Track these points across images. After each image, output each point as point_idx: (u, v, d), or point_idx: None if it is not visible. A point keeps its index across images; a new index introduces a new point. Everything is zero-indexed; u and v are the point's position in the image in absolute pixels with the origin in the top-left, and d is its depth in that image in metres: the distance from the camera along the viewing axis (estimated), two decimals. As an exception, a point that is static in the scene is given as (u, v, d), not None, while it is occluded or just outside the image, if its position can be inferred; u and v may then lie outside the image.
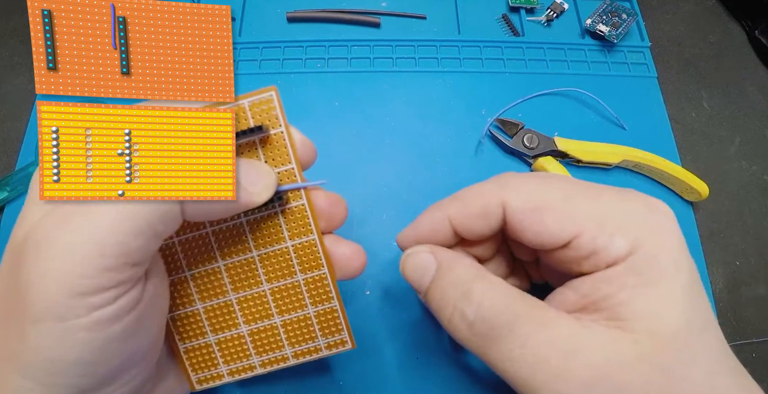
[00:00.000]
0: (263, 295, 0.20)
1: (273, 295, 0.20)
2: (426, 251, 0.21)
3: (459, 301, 0.19)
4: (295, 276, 0.20)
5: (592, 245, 0.18)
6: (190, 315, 0.20)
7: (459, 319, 0.19)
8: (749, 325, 0.32)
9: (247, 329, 0.21)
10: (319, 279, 0.20)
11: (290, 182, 0.19)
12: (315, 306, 0.21)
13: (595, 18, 0.39)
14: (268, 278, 0.20)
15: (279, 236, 0.20)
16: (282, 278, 0.20)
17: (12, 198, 0.33)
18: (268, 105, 0.19)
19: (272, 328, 0.21)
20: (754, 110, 0.40)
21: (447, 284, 0.19)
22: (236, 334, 0.21)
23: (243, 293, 0.20)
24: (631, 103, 0.37)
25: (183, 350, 0.21)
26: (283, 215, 0.20)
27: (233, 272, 0.20)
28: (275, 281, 0.20)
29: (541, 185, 0.19)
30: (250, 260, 0.20)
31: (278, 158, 0.19)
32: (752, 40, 0.42)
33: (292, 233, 0.20)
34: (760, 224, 0.35)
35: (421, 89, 0.37)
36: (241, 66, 0.38)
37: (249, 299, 0.20)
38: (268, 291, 0.20)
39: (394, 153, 0.35)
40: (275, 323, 0.21)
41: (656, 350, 0.16)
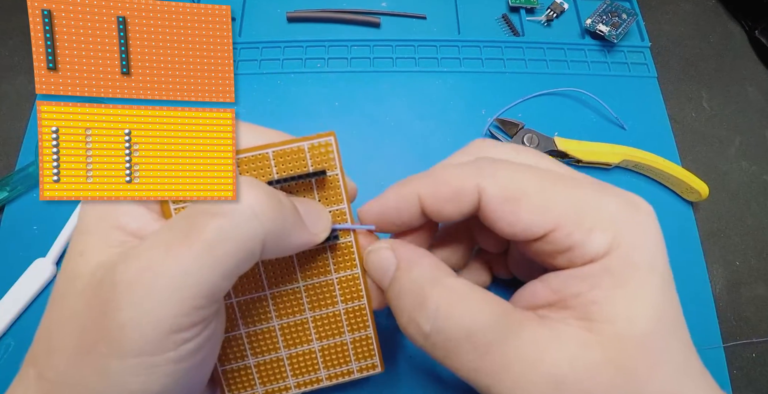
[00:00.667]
0: (305, 322, 0.21)
1: (315, 322, 0.21)
2: (386, 248, 0.20)
3: (414, 310, 0.18)
4: (336, 306, 0.21)
5: (568, 241, 0.17)
6: (232, 339, 0.21)
7: (414, 329, 0.18)
8: (749, 325, 0.32)
9: (287, 353, 0.21)
10: (358, 309, 0.22)
11: (340, 221, 0.21)
12: (352, 333, 0.22)
13: (595, 18, 0.39)
14: (312, 306, 0.21)
15: (325, 269, 0.21)
16: (324, 307, 0.21)
17: (12, 198, 0.33)
18: (326, 148, 0.20)
19: (310, 352, 0.22)
20: (754, 110, 0.40)
21: (403, 288, 0.19)
22: (275, 358, 0.21)
23: (286, 319, 0.21)
24: (631, 103, 0.37)
25: (222, 372, 0.21)
26: (330, 251, 0.21)
27: (279, 300, 0.21)
28: (318, 309, 0.21)
29: (520, 172, 0.18)
30: (296, 289, 0.21)
31: (331, 198, 0.20)
32: (752, 40, 0.42)
33: (338, 267, 0.21)
34: (760, 224, 0.35)
35: (421, 89, 0.37)
36: (241, 66, 0.38)
37: (291, 326, 0.21)
38: (310, 318, 0.21)
39: (394, 153, 0.35)
40: (314, 348, 0.22)
41: (623, 353, 0.16)
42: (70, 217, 0.30)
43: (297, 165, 0.19)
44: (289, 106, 0.36)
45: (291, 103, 0.36)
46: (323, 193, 0.20)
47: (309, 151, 0.19)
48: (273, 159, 0.19)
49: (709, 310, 0.32)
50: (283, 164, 0.19)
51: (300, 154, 0.19)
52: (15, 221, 0.32)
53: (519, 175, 0.18)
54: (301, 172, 0.19)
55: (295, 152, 0.19)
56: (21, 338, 0.29)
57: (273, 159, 0.19)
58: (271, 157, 0.19)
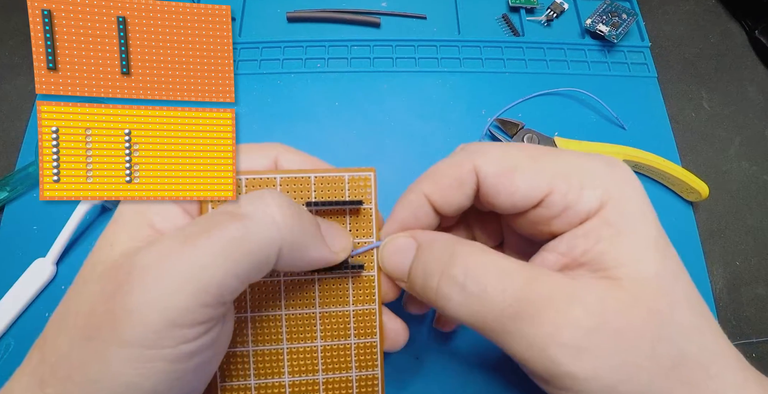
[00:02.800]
0: (314, 350, 0.21)
1: (324, 352, 0.21)
2: (403, 235, 0.21)
3: (445, 266, 0.18)
4: (348, 339, 0.21)
5: (563, 201, 0.18)
6: (238, 355, 0.21)
7: (448, 284, 0.18)
8: (749, 325, 0.32)
9: (290, 380, 0.21)
10: (369, 346, 0.22)
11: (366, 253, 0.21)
12: (359, 371, 0.22)
13: (595, 18, 0.39)
14: (324, 335, 0.21)
15: (344, 300, 0.21)
16: (336, 338, 0.21)
17: (12, 198, 0.33)
18: (365, 182, 0.21)
19: (314, 383, 0.21)
20: (754, 110, 0.40)
21: (429, 258, 0.19)
22: (278, 382, 0.21)
23: (296, 344, 0.21)
24: (631, 103, 0.37)
25: (221, 388, 0.21)
26: (352, 282, 0.21)
27: (293, 322, 0.21)
28: (329, 339, 0.21)
29: (508, 149, 0.20)
30: (311, 315, 0.21)
31: (361, 230, 0.21)
32: (752, 40, 0.42)
33: (356, 299, 0.21)
34: (760, 224, 0.35)
35: (421, 89, 0.37)
36: (241, 66, 0.38)
37: (300, 352, 0.21)
38: (320, 347, 0.21)
39: (394, 153, 0.35)
40: (318, 380, 0.21)
41: (643, 293, 0.16)
42: (71, 217, 0.30)
43: (335, 193, 0.20)
44: (289, 106, 0.36)
45: (291, 103, 0.36)
46: (354, 224, 0.21)
47: (349, 182, 0.21)
48: (314, 183, 0.20)
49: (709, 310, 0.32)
50: (322, 190, 0.20)
51: (339, 183, 0.20)
52: (15, 221, 0.32)
53: (508, 151, 0.20)
54: (338, 199, 0.20)
55: (335, 180, 0.20)
56: (21, 338, 0.29)
57: (314, 183, 0.20)
58: (312, 181, 0.20)
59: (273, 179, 0.19)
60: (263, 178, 0.19)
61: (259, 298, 0.21)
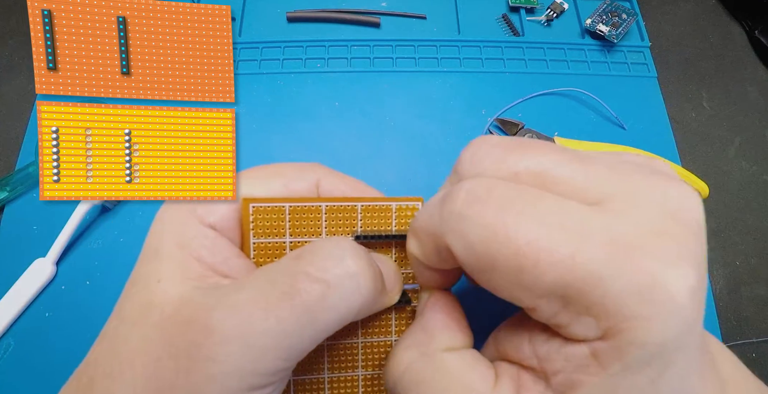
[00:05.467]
0: (355, 379, 0.21)
1: (364, 381, 0.21)
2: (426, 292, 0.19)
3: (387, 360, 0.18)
4: None
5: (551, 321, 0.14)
6: None
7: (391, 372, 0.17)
8: (749, 325, 0.32)
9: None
10: None
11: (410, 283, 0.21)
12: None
13: (595, 18, 0.39)
14: (365, 365, 0.21)
15: (387, 330, 0.21)
16: (378, 368, 0.21)
17: (12, 198, 0.33)
18: (413, 212, 0.20)
19: None
20: (754, 110, 0.40)
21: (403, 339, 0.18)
22: None
23: (337, 374, 0.21)
24: (631, 103, 0.37)
25: None
26: (395, 311, 0.21)
27: (335, 352, 0.21)
28: (371, 369, 0.21)
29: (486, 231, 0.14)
30: (353, 345, 0.21)
31: (407, 260, 0.20)
32: (752, 40, 0.42)
33: (399, 328, 0.21)
34: (760, 224, 0.35)
35: (421, 89, 0.37)
36: (241, 66, 0.38)
37: (341, 380, 0.21)
38: (360, 377, 0.21)
39: (394, 153, 0.35)
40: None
41: None
42: (70, 217, 0.30)
43: (382, 223, 0.20)
44: (289, 106, 0.36)
45: (291, 103, 0.36)
46: (399, 254, 0.20)
47: (396, 211, 0.20)
48: (360, 213, 0.20)
49: (709, 310, 0.32)
50: (369, 220, 0.20)
51: (387, 213, 0.20)
52: (15, 221, 0.32)
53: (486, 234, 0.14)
54: (386, 230, 0.20)
55: (383, 210, 0.20)
56: (21, 338, 0.29)
57: (360, 213, 0.20)
58: (359, 210, 0.20)
59: (318, 207, 0.19)
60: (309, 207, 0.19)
61: None
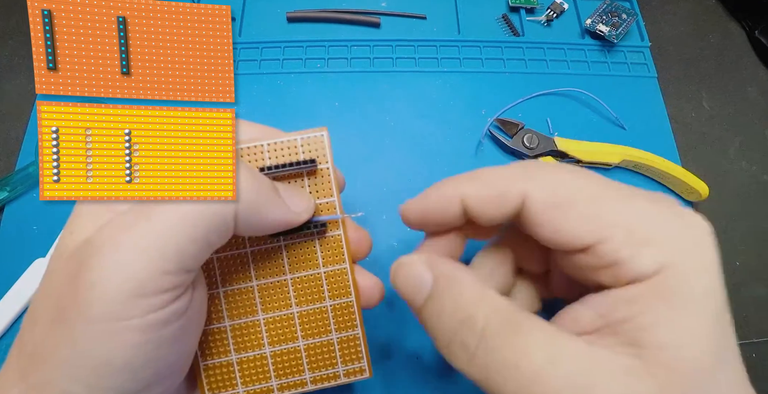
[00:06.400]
0: (291, 317, 0.21)
1: (300, 318, 0.21)
2: (421, 263, 0.19)
3: (459, 328, 0.17)
4: (323, 302, 0.21)
5: (615, 255, 0.16)
6: (216, 332, 0.21)
7: (459, 348, 0.17)
8: (749, 325, 0.32)
9: (271, 351, 0.21)
10: (346, 306, 0.21)
11: (330, 213, 0.21)
12: (339, 333, 0.21)
13: (595, 18, 0.39)
14: (298, 301, 0.21)
15: (313, 262, 0.21)
16: (311, 303, 0.21)
17: (12, 198, 0.33)
18: (319, 143, 0.21)
19: (295, 351, 0.21)
20: (754, 110, 0.40)
21: (445, 305, 0.18)
22: (259, 355, 0.21)
23: (272, 314, 0.21)
24: (631, 103, 0.37)
25: (203, 367, 0.21)
26: (319, 243, 0.21)
27: (266, 292, 0.21)
28: (305, 304, 0.21)
29: (569, 180, 0.17)
30: (283, 282, 0.21)
31: (322, 191, 0.21)
32: (752, 40, 0.42)
33: (326, 260, 0.21)
34: (760, 224, 0.35)
35: (421, 89, 0.37)
36: (241, 66, 0.38)
37: (277, 321, 0.21)
38: (296, 314, 0.21)
39: (394, 153, 0.35)
40: (299, 347, 0.21)
41: (674, 384, 0.14)
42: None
43: (290, 158, 0.20)
44: (289, 106, 0.36)
45: (291, 103, 0.36)
46: (314, 186, 0.21)
47: (302, 144, 0.20)
48: (267, 151, 0.20)
49: (709, 310, 0.32)
50: (277, 157, 0.20)
51: (293, 146, 0.20)
52: (15, 221, 0.32)
53: (568, 180, 0.17)
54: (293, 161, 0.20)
55: (289, 144, 0.20)
56: (21, 338, 0.29)
57: (267, 151, 0.20)
58: (265, 148, 0.20)
59: None
60: None
61: (229, 272, 0.20)
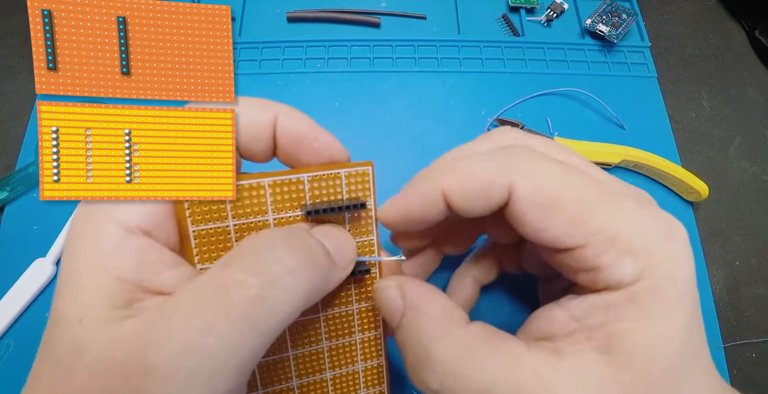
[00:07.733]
0: (320, 352, 0.21)
1: (330, 352, 0.21)
2: (393, 286, 0.19)
3: (419, 367, 0.17)
4: (353, 336, 0.21)
5: (595, 261, 0.16)
6: None
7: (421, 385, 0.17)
8: (749, 325, 0.32)
9: (298, 383, 0.21)
10: (373, 339, 0.21)
11: (368, 253, 0.20)
12: (365, 362, 0.22)
13: (595, 18, 0.39)
14: (329, 336, 0.21)
15: (347, 300, 0.21)
16: (341, 337, 0.21)
17: (12, 198, 0.32)
18: (363, 178, 0.19)
19: (322, 381, 0.21)
20: (754, 110, 0.40)
21: (409, 338, 0.18)
22: (286, 387, 0.21)
23: (301, 349, 0.21)
24: (631, 103, 0.37)
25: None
26: (354, 281, 0.20)
27: (296, 330, 0.20)
28: (335, 339, 0.21)
29: (557, 176, 0.17)
30: (315, 319, 0.20)
31: (361, 229, 0.20)
32: (752, 40, 0.42)
33: (359, 297, 0.21)
34: (760, 224, 0.35)
35: (421, 89, 0.37)
36: (241, 66, 0.38)
37: (306, 355, 0.21)
38: (326, 348, 0.21)
39: (394, 153, 0.35)
40: (326, 377, 0.21)
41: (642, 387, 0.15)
42: (70, 217, 0.30)
43: (331, 192, 0.19)
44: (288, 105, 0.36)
45: (291, 103, 0.36)
46: (354, 224, 0.20)
47: (345, 178, 0.19)
48: (308, 184, 0.18)
49: (709, 310, 0.32)
50: (318, 191, 0.19)
51: (335, 179, 0.19)
52: (15, 221, 0.32)
53: (556, 178, 0.17)
54: (337, 200, 0.19)
55: (331, 178, 0.19)
56: (21, 338, 0.29)
57: (308, 184, 0.18)
58: (305, 182, 0.18)
59: (261, 184, 0.18)
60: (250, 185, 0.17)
61: None
